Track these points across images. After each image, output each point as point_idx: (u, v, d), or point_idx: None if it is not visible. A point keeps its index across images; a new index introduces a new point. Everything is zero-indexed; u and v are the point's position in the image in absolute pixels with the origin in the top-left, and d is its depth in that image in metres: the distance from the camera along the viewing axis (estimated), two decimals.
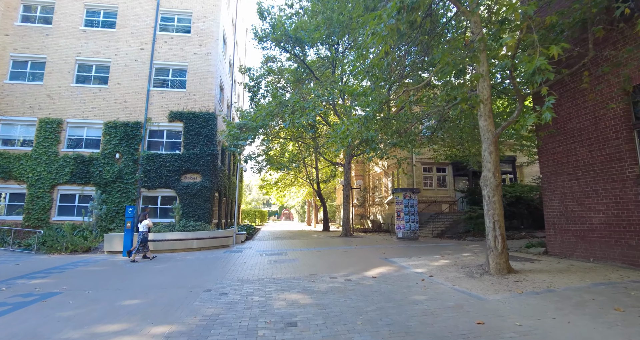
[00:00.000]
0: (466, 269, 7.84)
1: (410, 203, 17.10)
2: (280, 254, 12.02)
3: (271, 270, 8.50)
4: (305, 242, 16.86)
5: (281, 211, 76.73)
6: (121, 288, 6.81)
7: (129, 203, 16.68)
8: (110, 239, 12.66)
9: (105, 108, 17.62)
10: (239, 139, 13.81)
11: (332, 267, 8.87)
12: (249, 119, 14.38)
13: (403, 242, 16.02)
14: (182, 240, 13.46)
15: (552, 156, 10.10)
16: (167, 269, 9.16)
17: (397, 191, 17.65)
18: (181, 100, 18.10)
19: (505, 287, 6.09)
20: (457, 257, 10.25)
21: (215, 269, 8.90)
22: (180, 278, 7.80)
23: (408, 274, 7.71)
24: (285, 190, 35.93)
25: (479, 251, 11.67)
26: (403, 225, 16.93)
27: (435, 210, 22.43)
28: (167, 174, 17.04)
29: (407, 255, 10.81)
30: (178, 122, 17.77)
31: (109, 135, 17.19)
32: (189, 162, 17.18)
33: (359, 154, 22.34)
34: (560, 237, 9.71)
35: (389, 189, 26.76)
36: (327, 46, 20.71)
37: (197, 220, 16.50)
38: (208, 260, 10.78)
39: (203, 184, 17.05)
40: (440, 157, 20.67)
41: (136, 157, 17.13)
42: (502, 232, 7.15)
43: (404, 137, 10.96)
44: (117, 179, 16.80)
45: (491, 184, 7.29)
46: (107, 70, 18.14)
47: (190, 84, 18.32)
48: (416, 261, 9.51)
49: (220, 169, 19.91)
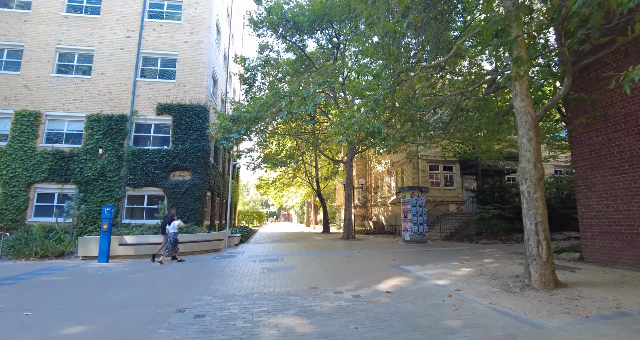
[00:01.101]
0: (499, 281, 6.50)
1: (419, 203, 15.77)
2: (275, 259, 10.66)
3: (264, 282, 7.14)
4: (304, 245, 15.50)
5: (280, 212, 75.33)
6: (73, 307, 5.44)
7: (113, 203, 15.30)
8: (85, 243, 11.29)
9: (87, 100, 16.26)
10: (231, 131, 12.45)
11: (335, 277, 7.51)
12: (242, 111, 13.01)
13: (411, 245, 14.67)
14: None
15: (588, 148, 8.77)
16: (142, 279, 7.79)
17: (403, 190, 16.32)
18: (170, 91, 16.75)
19: (560, 308, 4.75)
20: (479, 264, 8.90)
21: (198, 280, 7.54)
22: (153, 292, 6.44)
23: (429, 287, 6.35)
24: (283, 191, 34.55)
25: (500, 257, 10.33)
26: (410, 227, 15.59)
27: (443, 211, 21.09)
28: (154, 171, 15.67)
29: (420, 262, 9.46)
30: (166, 115, 16.41)
31: (91, 129, 15.82)
32: (178, 158, 15.82)
33: (363, 150, 21.01)
34: (600, 241, 8.38)
35: (392, 189, 25.43)
36: (327, 37, 19.41)
37: (186, 221, 15.12)
38: (193, 267, 9.42)
39: (193, 182, 15.69)
40: (449, 154, 19.43)
41: (121, 153, 15.76)
42: (546, 236, 5.81)
43: (417, 127, 9.62)
44: (99, 177, 15.43)
45: (532, 177, 5.95)
46: (90, 59, 16.79)
47: (180, 74, 16.97)
48: (433, 269, 8.16)
49: (213, 167, 18.55)
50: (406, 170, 22.18)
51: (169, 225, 10.37)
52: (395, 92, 7.74)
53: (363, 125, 8.40)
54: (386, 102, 8.29)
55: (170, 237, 10.30)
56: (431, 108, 8.97)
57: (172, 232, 10.30)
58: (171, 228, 10.31)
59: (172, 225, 10.32)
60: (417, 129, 9.92)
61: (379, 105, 7.67)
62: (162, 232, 11.00)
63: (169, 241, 10.32)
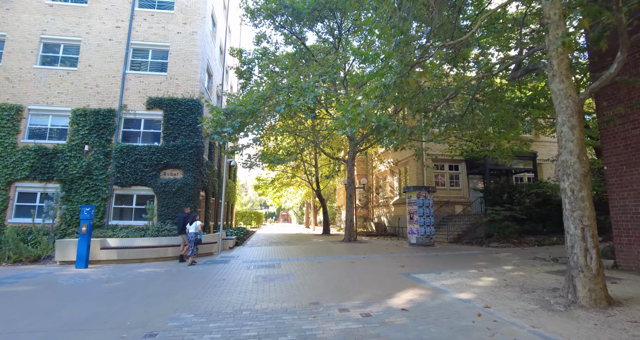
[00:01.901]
0: (533, 296, 5.51)
1: (425, 204, 14.78)
2: (271, 265, 9.67)
3: (256, 294, 6.15)
4: (303, 248, 14.52)
5: (279, 213, 74.34)
6: (18, 330, 4.45)
7: (99, 203, 14.31)
8: (63, 247, 10.29)
9: (73, 93, 15.27)
10: (224, 125, 11.46)
11: (339, 289, 6.52)
12: (237, 104, 12.03)
13: (418, 249, 13.69)
14: (154, 247, 11.11)
15: (623, 141, 7.80)
16: (118, 289, 6.80)
17: (409, 190, 15.33)
18: (162, 85, 15.76)
19: (626, 336, 3.77)
20: (500, 272, 7.93)
21: (181, 290, 6.55)
22: (125, 307, 5.46)
23: (451, 302, 5.37)
24: (282, 191, 33.53)
25: (519, 263, 9.35)
26: (417, 229, 14.60)
27: (448, 212, 20.12)
28: (143, 169, 14.67)
29: (433, 269, 8.48)
30: (157, 109, 15.42)
31: (77, 124, 14.82)
32: (169, 155, 14.82)
33: (365, 148, 20.01)
34: (638, 247, 7.40)
35: (395, 189, 24.46)
36: (327, 29, 18.45)
37: (176, 223, 14.12)
38: (178, 275, 8.43)
39: (185, 181, 14.69)
40: (456, 152, 18.49)
41: (108, 150, 14.76)
42: (595, 243, 4.83)
43: (429, 119, 8.64)
44: (85, 175, 14.43)
45: (576, 172, 4.98)
46: (76, 50, 15.80)
47: (173, 66, 15.99)
48: (450, 279, 7.18)
49: (207, 165, 17.56)
50: (410, 170, 21.22)
51: (190, 225, 10.22)
52: (407, 76, 6.76)
53: (370, 116, 7.42)
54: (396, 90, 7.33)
55: (192, 237, 10.08)
56: (448, 96, 7.97)
57: (192, 232, 10.12)
58: (192, 228, 10.15)
59: (193, 226, 10.18)
60: (429, 121, 8.94)
61: (389, 91, 6.69)
62: (181, 232, 10.76)
63: (192, 241, 10.10)
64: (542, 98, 9.68)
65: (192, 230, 10.16)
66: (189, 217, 10.68)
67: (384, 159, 25.84)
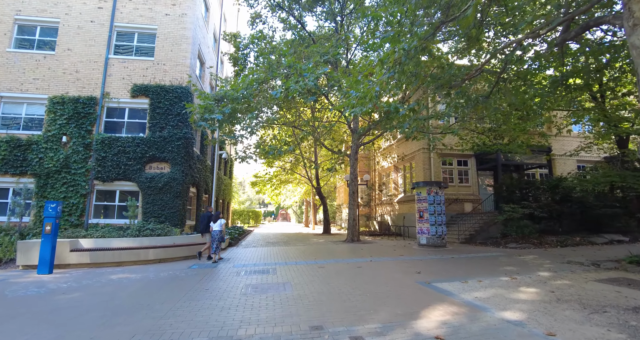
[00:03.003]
0: (607, 317, 4.20)
1: (437, 200, 13.47)
2: (265, 271, 8.36)
3: (242, 312, 4.84)
4: (302, 250, 13.21)
5: (278, 212, 73.08)
6: None
7: (78, 199, 12.98)
8: (26, 249, 8.96)
9: (50, 79, 13.93)
10: (213, 112, 10.12)
11: (348, 304, 5.21)
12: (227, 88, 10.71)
13: (429, 250, 12.39)
14: (133, 249, 9.78)
15: None
16: (71, 304, 5.48)
17: (418, 186, 14.01)
18: (148, 71, 14.41)
19: None
20: (538, 280, 6.63)
21: (149, 306, 5.24)
22: (66, 331, 4.14)
23: (498, 326, 4.05)
24: (280, 188, 32.18)
25: (554, 268, 8.05)
26: (427, 228, 13.29)
27: (457, 210, 18.83)
28: (126, 162, 13.34)
29: (456, 276, 7.18)
30: (143, 97, 14.08)
31: (54, 113, 13.48)
32: (154, 147, 13.49)
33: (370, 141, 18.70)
34: None
35: (399, 186, 23.17)
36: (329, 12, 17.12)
37: (162, 221, 12.82)
38: (155, 282, 7.11)
39: (172, 176, 13.36)
40: (467, 146, 17.21)
41: (88, 141, 13.42)
42: None
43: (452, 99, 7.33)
44: (62, 169, 13.09)
45: None
46: (54, 32, 14.45)
47: (160, 51, 14.64)
48: (482, 289, 5.88)
49: (199, 159, 16.22)
50: (416, 165, 19.92)
51: (214, 223, 10.13)
52: (432, 39, 5.43)
53: (386, 89, 6.09)
54: (419, 55, 5.99)
55: (217, 235, 10.04)
56: (476, 69, 6.65)
57: (217, 229, 10.03)
58: (217, 226, 10.07)
59: (217, 223, 10.11)
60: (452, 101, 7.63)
61: (410, 57, 5.37)
62: (204, 231, 10.54)
63: (216, 239, 10.04)
64: (578, 77, 8.35)
65: (216, 228, 10.07)
66: (213, 215, 10.46)
67: (388, 155, 24.53)
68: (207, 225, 10.49)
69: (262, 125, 15.01)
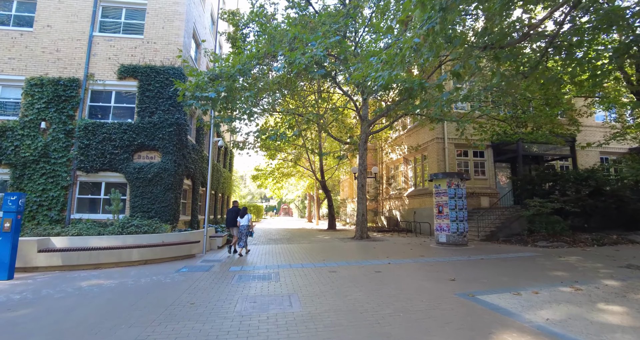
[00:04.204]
0: None
1: (458, 194, 12.07)
2: (266, 276, 7.01)
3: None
4: (307, 249, 11.87)
5: (280, 206, 71.87)
6: None
7: (58, 192, 11.66)
8: None
9: (28, 59, 12.53)
10: (205, 90, 8.71)
11: (379, 333, 3.84)
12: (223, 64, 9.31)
13: (450, 249, 11.02)
14: (114, 248, 8.45)
15: None
16: (4, 328, 4.15)
17: (437, 177, 12.59)
18: (137, 50, 12.99)
19: None
20: (609, 290, 5.25)
21: (109, 332, 3.90)
22: None
23: None
24: (282, 182, 30.79)
25: (620, 274, 6.66)
26: (447, 225, 11.91)
27: (474, 205, 17.43)
28: (112, 150, 11.99)
29: (501, 285, 5.81)
30: (131, 79, 12.67)
31: (31, 96, 12.10)
32: (143, 134, 12.12)
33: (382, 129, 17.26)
34: None
35: (409, 179, 21.78)
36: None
37: (152, 216, 11.50)
38: (131, 292, 5.78)
39: (163, 166, 12.00)
40: (486, 134, 15.84)
41: (70, 128, 12.06)
42: None
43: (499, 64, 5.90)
44: (40, 158, 11.75)
45: None
46: (32, 7, 13.00)
47: (150, 28, 13.21)
48: (547, 306, 4.50)
49: (194, 148, 14.83)
50: (430, 156, 18.50)
51: (241, 218, 10.35)
52: None
53: (420, 50, 4.68)
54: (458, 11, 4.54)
55: (244, 229, 10.28)
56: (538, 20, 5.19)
57: (245, 224, 10.29)
58: (244, 220, 10.29)
59: (245, 218, 10.34)
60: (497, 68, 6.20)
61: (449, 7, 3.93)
62: (232, 225, 10.67)
63: (244, 233, 10.28)
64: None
65: (244, 222, 10.28)
66: (240, 211, 10.65)
67: (397, 146, 23.10)
68: (233, 219, 10.59)
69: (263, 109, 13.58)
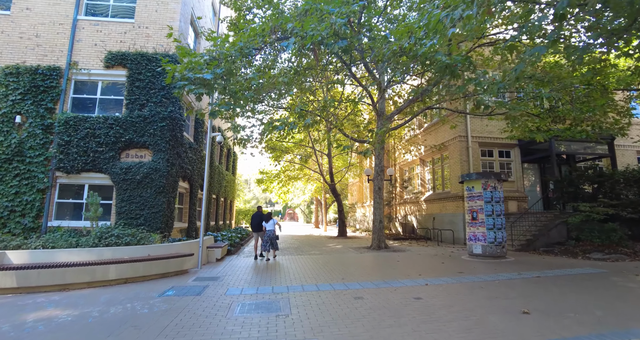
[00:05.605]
0: None
1: (495, 198, 10.36)
2: (272, 306, 5.36)
3: None
4: (320, 262, 10.21)
5: (285, 211, 70.24)
6: None
7: (34, 196, 10.14)
8: None
9: (4, 45, 11.12)
10: (201, 71, 7.16)
11: None
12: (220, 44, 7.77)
13: (490, 263, 9.30)
14: (85, 265, 6.84)
15: None
16: None
17: (470, 178, 10.89)
18: (126, 35, 11.53)
19: None
20: None
21: None
22: None
23: None
24: (288, 185, 29.17)
25: None
26: (483, 233, 10.20)
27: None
28: (96, 148, 10.47)
29: (601, 322, 4.12)
30: (120, 68, 11.19)
31: (5, 86, 10.65)
32: (132, 129, 10.60)
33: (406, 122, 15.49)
34: None
35: (426, 183, 20.08)
36: None
37: (141, 224, 9.92)
38: (86, 333, 4.16)
39: (154, 166, 10.44)
40: (517, 131, 14.14)
41: (49, 122, 10.58)
42: None
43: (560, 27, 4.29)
44: (14, 157, 10.26)
45: None
46: None
47: (142, 11, 11.76)
48: None
49: (191, 147, 13.27)
50: (451, 156, 16.80)
51: (266, 222, 10.41)
52: None
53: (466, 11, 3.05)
54: None
55: (270, 233, 10.29)
56: None
57: (270, 229, 10.32)
58: (270, 225, 10.35)
59: (270, 222, 10.40)
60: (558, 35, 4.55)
61: None
62: (257, 230, 10.73)
63: (270, 238, 10.28)
64: None
65: (269, 227, 10.30)
66: (265, 215, 10.75)
67: (412, 146, 21.41)
68: (258, 224, 10.64)
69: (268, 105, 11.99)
